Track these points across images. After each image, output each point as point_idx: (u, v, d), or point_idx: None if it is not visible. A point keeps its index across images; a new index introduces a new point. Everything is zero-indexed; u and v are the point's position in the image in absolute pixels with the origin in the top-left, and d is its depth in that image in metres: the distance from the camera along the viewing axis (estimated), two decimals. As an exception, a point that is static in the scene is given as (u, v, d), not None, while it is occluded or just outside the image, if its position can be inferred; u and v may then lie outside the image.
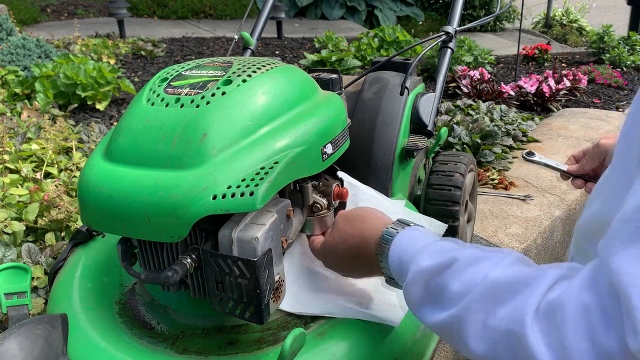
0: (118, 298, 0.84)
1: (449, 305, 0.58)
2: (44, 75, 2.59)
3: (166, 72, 0.77)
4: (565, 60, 4.72)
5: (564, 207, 1.80)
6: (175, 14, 6.01)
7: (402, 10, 6.58)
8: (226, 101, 0.69)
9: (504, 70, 4.19)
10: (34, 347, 0.68)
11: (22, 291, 0.84)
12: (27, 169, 1.64)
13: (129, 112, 0.73)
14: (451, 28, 1.37)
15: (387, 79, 1.25)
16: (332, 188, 0.84)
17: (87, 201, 0.68)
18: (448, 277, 0.59)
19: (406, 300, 0.66)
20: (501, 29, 6.33)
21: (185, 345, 0.74)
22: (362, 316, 0.76)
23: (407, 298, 0.65)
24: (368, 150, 1.18)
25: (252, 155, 0.66)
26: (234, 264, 0.63)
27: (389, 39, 3.91)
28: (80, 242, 0.97)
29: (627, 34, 5.01)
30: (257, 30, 1.51)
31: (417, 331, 0.82)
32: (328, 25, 5.88)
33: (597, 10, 7.13)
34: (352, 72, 3.53)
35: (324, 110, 0.78)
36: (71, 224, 1.37)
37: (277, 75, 0.76)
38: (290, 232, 0.76)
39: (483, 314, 0.54)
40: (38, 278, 1.20)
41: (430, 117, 1.25)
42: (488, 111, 2.62)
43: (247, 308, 0.66)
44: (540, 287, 0.51)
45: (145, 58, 3.92)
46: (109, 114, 2.66)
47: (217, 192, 0.62)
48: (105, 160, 0.70)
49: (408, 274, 0.64)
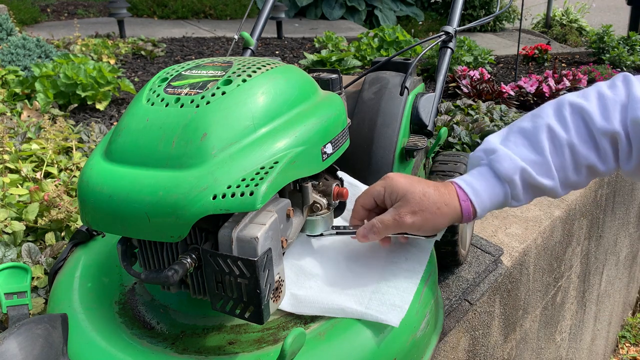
0: (118, 298, 0.84)
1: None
2: (44, 75, 2.59)
3: (166, 72, 0.77)
4: (565, 60, 4.72)
5: (564, 207, 1.80)
6: (175, 14, 6.01)
7: (402, 10, 6.58)
8: (226, 101, 0.69)
9: (504, 70, 4.19)
10: (34, 347, 0.68)
11: (22, 291, 0.84)
12: (27, 168, 1.64)
13: (129, 112, 0.73)
14: (451, 28, 1.37)
15: (387, 79, 1.25)
16: (332, 188, 0.84)
17: (87, 201, 0.68)
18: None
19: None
20: (501, 29, 6.32)
21: (185, 345, 0.74)
22: (362, 316, 0.76)
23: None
24: (368, 150, 1.18)
25: (252, 155, 0.67)
26: (234, 263, 0.64)
27: (389, 39, 3.91)
28: (80, 242, 0.97)
29: (627, 34, 5.01)
30: (257, 30, 1.51)
31: (416, 331, 0.82)
32: (328, 25, 5.88)
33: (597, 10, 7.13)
34: (352, 72, 3.53)
35: (324, 110, 0.78)
36: (71, 224, 1.37)
37: (277, 75, 0.76)
38: (290, 232, 0.76)
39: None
40: (38, 278, 1.20)
41: (430, 117, 1.25)
42: (488, 111, 2.62)
43: (247, 308, 0.66)
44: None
45: (145, 58, 3.92)
46: (109, 114, 2.67)
47: (217, 191, 0.63)
48: (105, 160, 0.70)
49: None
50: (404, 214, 0.81)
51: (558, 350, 1.97)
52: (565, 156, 0.86)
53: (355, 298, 0.79)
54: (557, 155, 0.86)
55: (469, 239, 1.34)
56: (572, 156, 0.86)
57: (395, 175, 0.86)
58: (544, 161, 0.86)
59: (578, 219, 1.95)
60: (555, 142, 0.86)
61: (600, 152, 0.86)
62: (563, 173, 0.87)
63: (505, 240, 1.74)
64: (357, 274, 0.85)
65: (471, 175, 0.88)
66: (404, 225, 0.82)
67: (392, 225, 0.82)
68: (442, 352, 1.21)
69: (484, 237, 1.73)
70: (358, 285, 0.82)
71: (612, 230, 2.45)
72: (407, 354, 0.80)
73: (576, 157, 0.86)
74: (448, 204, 0.83)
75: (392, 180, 0.85)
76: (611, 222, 2.39)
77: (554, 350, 1.93)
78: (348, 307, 0.77)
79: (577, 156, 0.86)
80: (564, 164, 0.87)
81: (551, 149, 0.86)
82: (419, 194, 0.82)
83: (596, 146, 0.85)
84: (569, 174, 0.87)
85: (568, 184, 0.89)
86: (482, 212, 0.86)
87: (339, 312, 0.77)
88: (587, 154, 0.86)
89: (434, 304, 0.89)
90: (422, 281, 0.84)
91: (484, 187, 0.86)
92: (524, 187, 0.87)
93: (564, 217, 1.80)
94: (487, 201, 0.86)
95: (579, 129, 0.86)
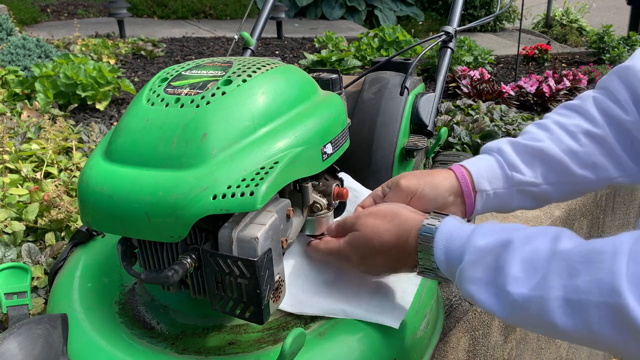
0: (118, 298, 0.84)
1: (516, 286, 0.57)
2: (44, 75, 2.59)
3: (166, 72, 0.77)
4: (565, 60, 4.72)
5: (564, 207, 1.80)
6: (175, 14, 6.01)
7: (402, 10, 6.58)
8: (226, 101, 0.69)
9: (504, 70, 4.19)
10: (34, 347, 0.68)
11: (22, 291, 0.84)
12: (27, 169, 1.64)
13: (128, 112, 0.73)
14: (451, 28, 1.37)
15: (387, 79, 1.25)
16: (332, 188, 0.84)
17: (87, 201, 0.68)
18: (507, 257, 0.59)
19: (462, 286, 0.65)
20: (501, 29, 6.33)
21: (185, 345, 0.74)
22: (362, 317, 0.76)
23: (462, 284, 0.65)
24: (368, 150, 1.18)
25: (252, 155, 0.67)
26: (234, 263, 0.64)
27: (389, 39, 3.91)
28: (80, 242, 0.97)
29: (627, 34, 5.01)
30: (257, 30, 1.50)
31: (416, 331, 0.82)
32: (328, 25, 5.88)
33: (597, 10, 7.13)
34: (352, 72, 3.53)
35: (324, 110, 0.78)
36: (71, 224, 1.37)
37: (277, 75, 0.76)
38: (290, 232, 0.76)
39: (562, 290, 0.53)
40: (38, 278, 1.20)
41: (430, 117, 1.25)
42: (488, 111, 2.62)
43: (247, 308, 0.66)
44: (621, 253, 0.50)
45: (145, 58, 3.92)
46: (109, 114, 2.67)
47: (217, 192, 0.63)
48: (105, 160, 0.70)
49: (464, 256, 0.64)
50: (402, 179, 0.84)
51: (558, 350, 1.97)
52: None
53: (355, 299, 0.79)
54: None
55: (469, 239, 1.34)
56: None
57: (403, 180, 0.87)
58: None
59: (578, 219, 1.95)
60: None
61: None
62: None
63: (505, 240, 1.74)
64: (357, 274, 0.85)
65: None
66: (404, 189, 0.83)
67: (400, 198, 0.84)
68: (442, 352, 1.21)
69: (484, 237, 1.73)
70: (358, 285, 0.82)
71: (612, 230, 2.45)
72: (407, 354, 0.80)
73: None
74: (446, 177, 0.85)
75: (394, 178, 0.87)
76: (611, 222, 2.39)
77: (554, 351, 1.93)
78: (348, 308, 0.77)
79: None
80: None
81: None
82: (416, 171, 0.86)
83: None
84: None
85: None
86: (477, 177, 0.84)
87: (340, 313, 0.77)
88: None
89: (434, 304, 0.89)
90: (422, 281, 0.84)
91: (473, 158, 0.89)
92: (517, 152, 0.86)
93: (564, 217, 1.80)
94: (480, 166, 0.86)
95: None
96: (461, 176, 0.84)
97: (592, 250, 0.53)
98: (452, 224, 0.69)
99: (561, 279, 0.54)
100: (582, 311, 0.52)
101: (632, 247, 0.51)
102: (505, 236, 0.62)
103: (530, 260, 0.58)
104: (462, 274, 0.64)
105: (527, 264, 0.58)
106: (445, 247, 0.67)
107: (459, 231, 0.68)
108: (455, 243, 0.67)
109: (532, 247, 0.58)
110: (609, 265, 0.50)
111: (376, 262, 0.76)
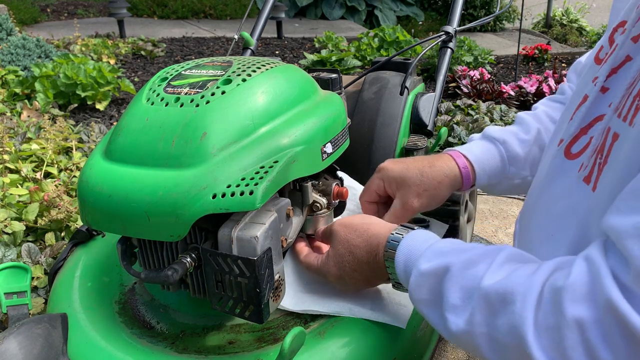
0: (118, 297, 0.84)
1: (454, 315, 0.58)
2: (44, 75, 2.59)
3: (166, 71, 0.77)
4: (565, 60, 4.72)
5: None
6: (175, 14, 6.02)
7: (402, 10, 6.58)
8: (226, 100, 0.69)
9: (504, 70, 4.19)
10: (34, 347, 0.68)
11: (22, 291, 0.84)
12: (27, 169, 1.64)
13: (128, 112, 0.73)
14: (451, 28, 1.37)
15: (387, 78, 1.25)
16: (332, 187, 0.84)
17: (87, 201, 0.68)
18: (446, 284, 0.59)
19: (414, 304, 0.65)
20: (501, 29, 6.33)
21: (185, 345, 0.74)
22: (368, 316, 0.76)
23: (413, 302, 0.65)
24: (368, 150, 1.18)
25: (252, 155, 0.67)
26: (234, 262, 0.64)
27: (389, 39, 3.91)
28: (80, 241, 0.97)
29: (627, 34, 5.00)
30: (257, 30, 1.51)
31: (417, 331, 0.82)
32: (328, 25, 5.88)
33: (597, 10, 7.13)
34: (352, 72, 3.53)
35: (324, 109, 0.78)
36: (71, 223, 1.37)
37: (276, 74, 0.76)
38: (290, 231, 0.76)
39: (486, 327, 0.54)
40: (38, 278, 1.20)
41: (430, 117, 1.25)
42: (488, 111, 2.62)
43: (247, 307, 0.66)
44: (531, 295, 0.50)
45: (145, 58, 3.92)
46: (109, 114, 2.67)
47: (216, 191, 0.63)
48: (105, 160, 0.70)
49: (411, 277, 0.64)
50: (410, 200, 0.83)
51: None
52: None
53: (359, 297, 0.79)
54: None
55: (469, 239, 1.34)
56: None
57: (387, 163, 0.86)
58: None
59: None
60: None
61: None
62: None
63: (505, 240, 1.74)
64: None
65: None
66: (413, 209, 0.83)
67: (403, 215, 0.84)
68: (442, 352, 1.21)
69: (485, 237, 1.73)
70: None
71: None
72: (407, 354, 0.80)
73: None
74: (447, 174, 0.85)
75: (387, 170, 0.86)
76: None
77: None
78: (355, 307, 0.77)
79: None
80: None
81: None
82: (416, 175, 0.83)
83: None
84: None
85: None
86: (480, 170, 0.86)
87: (346, 311, 0.76)
88: None
89: (433, 303, 0.88)
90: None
91: (478, 146, 0.89)
92: (521, 146, 0.88)
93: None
94: (485, 161, 0.86)
95: None
96: (464, 170, 0.85)
97: (508, 291, 0.52)
98: (414, 237, 0.68)
99: (484, 316, 0.54)
100: (503, 351, 0.53)
101: (542, 288, 0.50)
102: (447, 261, 0.61)
103: (468, 287, 0.57)
104: (410, 293, 0.65)
105: (464, 292, 0.57)
106: (405, 263, 0.66)
107: (418, 248, 0.66)
108: (412, 259, 0.65)
109: (471, 274, 0.58)
110: (520, 309, 0.50)
111: (353, 278, 0.75)
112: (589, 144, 0.60)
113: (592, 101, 0.62)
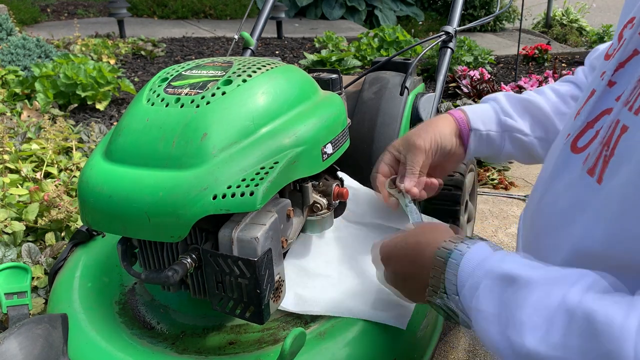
0: (118, 298, 0.84)
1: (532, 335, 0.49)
2: (44, 75, 2.59)
3: (166, 72, 0.77)
4: (565, 60, 4.71)
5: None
6: (175, 14, 6.02)
7: (402, 10, 6.58)
8: (226, 101, 0.69)
9: (504, 70, 4.19)
10: (34, 347, 0.68)
11: (22, 291, 0.84)
12: (27, 169, 1.64)
13: (129, 112, 0.73)
14: (451, 28, 1.37)
15: (387, 79, 1.25)
16: (332, 188, 0.84)
17: (87, 201, 0.68)
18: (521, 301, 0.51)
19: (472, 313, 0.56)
20: (501, 29, 6.32)
21: (185, 345, 0.74)
22: (368, 316, 0.76)
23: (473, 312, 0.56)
24: (368, 151, 1.18)
25: (252, 155, 0.66)
26: (234, 263, 0.64)
27: (389, 39, 3.91)
28: (80, 242, 0.97)
29: (627, 34, 5.00)
30: (257, 30, 1.51)
31: (417, 331, 0.82)
32: (328, 25, 5.88)
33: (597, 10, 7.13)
34: (352, 72, 3.53)
35: (324, 110, 0.78)
36: (71, 224, 1.37)
37: (277, 75, 0.76)
38: (291, 232, 0.76)
39: (581, 356, 0.46)
40: (38, 278, 1.20)
41: (430, 117, 1.25)
42: (488, 111, 2.62)
43: (247, 308, 0.66)
44: (630, 332, 0.43)
45: (145, 58, 3.92)
46: (109, 114, 2.67)
47: (217, 191, 0.63)
48: (105, 160, 0.70)
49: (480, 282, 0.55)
50: (414, 141, 0.88)
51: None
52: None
53: (360, 298, 0.79)
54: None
55: (469, 239, 1.34)
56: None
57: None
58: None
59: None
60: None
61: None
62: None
63: (505, 240, 1.74)
64: (359, 273, 0.85)
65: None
66: (422, 149, 0.87)
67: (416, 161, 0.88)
68: (442, 352, 1.21)
69: (484, 237, 1.73)
70: (361, 284, 0.82)
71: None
72: (407, 354, 0.80)
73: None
74: (442, 117, 0.92)
75: (391, 144, 0.94)
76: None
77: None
78: (355, 308, 0.77)
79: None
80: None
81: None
82: (414, 129, 0.92)
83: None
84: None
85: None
86: (473, 116, 0.90)
87: (346, 312, 0.76)
88: None
89: (434, 304, 0.88)
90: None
91: (473, 105, 0.95)
92: (510, 102, 0.92)
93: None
94: (476, 108, 0.92)
95: None
96: (459, 118, 0.91)
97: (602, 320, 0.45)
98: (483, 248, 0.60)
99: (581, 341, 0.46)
100: None
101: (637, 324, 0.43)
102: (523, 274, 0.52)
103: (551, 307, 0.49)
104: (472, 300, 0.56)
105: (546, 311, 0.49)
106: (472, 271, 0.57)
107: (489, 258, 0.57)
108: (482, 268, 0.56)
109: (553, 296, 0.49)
110: (620, 345, 0.43)
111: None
112: (595, 137, 0.59)
113: (599, 95, 0.62)
